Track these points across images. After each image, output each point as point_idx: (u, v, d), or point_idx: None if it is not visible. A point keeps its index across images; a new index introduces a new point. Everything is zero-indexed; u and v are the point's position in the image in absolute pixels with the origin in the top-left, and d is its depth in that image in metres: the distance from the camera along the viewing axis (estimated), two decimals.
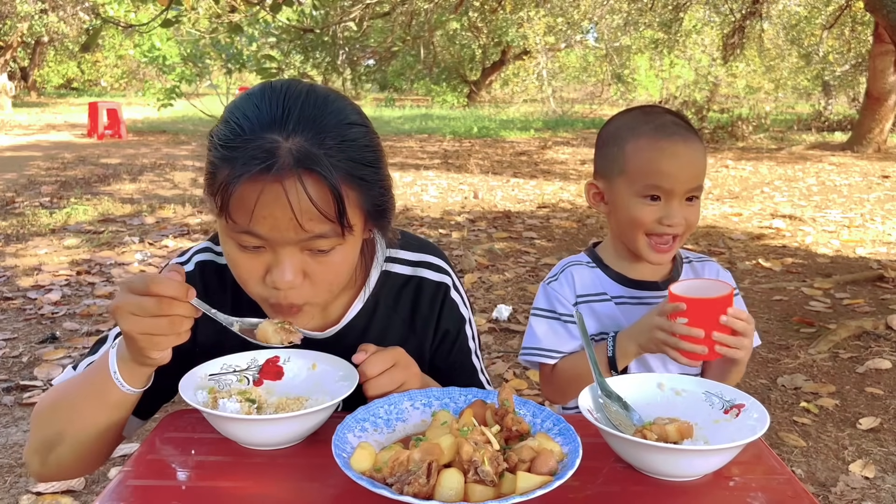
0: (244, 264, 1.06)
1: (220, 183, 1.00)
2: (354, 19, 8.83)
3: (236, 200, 0.99)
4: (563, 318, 1.45)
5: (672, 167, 1.34)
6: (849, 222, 6.93)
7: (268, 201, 0.98)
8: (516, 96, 21.90)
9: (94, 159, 10.37)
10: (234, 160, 0.99)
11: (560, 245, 5.97)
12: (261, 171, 0.97)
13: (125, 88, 27.07)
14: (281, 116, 1.00)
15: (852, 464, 2.71)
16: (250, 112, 1.02)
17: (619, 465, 1.03)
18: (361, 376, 1.12)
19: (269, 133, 0.99)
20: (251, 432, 1.05)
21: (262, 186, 0.98)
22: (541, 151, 12.53)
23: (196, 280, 1.22)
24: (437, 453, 0.88)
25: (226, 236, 1.07)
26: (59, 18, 20.74)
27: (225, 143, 1.01)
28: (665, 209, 1.36)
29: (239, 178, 0.98)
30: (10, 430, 2.87)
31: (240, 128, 1.01)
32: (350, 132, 1.04)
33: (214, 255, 1.26)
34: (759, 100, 17.63)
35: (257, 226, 1.00)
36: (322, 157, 0.99)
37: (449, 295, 1.30)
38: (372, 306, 1.26)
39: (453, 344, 1.32)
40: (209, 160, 1.05)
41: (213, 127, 1.08)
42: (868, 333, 3.97)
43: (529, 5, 14.09)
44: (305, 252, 1.05)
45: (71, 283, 4.67)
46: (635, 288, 1.45)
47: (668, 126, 1.38)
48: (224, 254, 1.10)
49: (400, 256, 1.30)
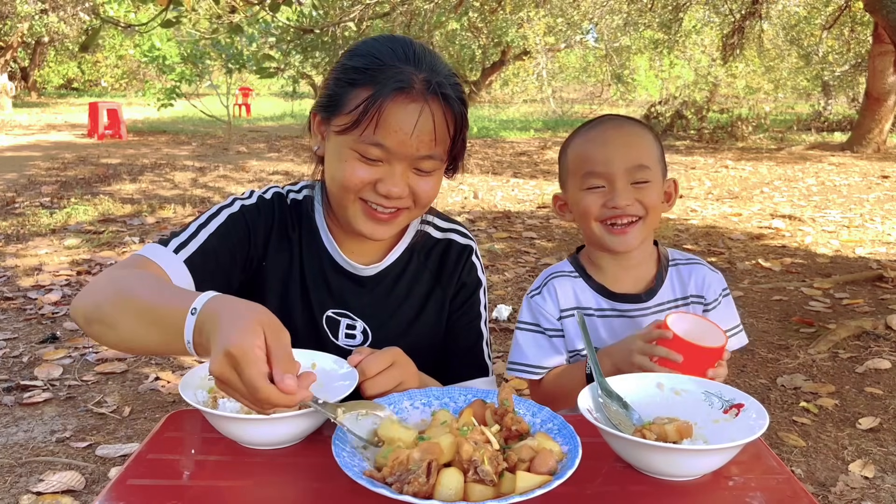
0: (361, 172, 1.22)
1: (361, 100, 1.18)
2: (354, 19, 8.82)
3: (383, 113, 1.17)
4: (547, 332, 1.45)
5: (601, 151, 1.38)
6: (848, 222, 6.93)
7: (410, 118, 1.18)
8: (516, 96, 21.89)
9: (95, 159, 10.37)
10: (375, 81, 1.18)
11: (560, 245, 5.97)
12: (405, 90, 1.18)
13: (125, 88, 27.08)
14: (413, 56, 1.22)
15: (852, 464, 2.71)
16: (384, 49, 1.22)
17: (618, 464, 1.03)
18: (360, 375, 1.13)
19: (405, 65, 1.20)
20: (251, 432, 1.05)
21: (407, 104, 1.18)
22: (541, 151, 12.54)
23: (273, 207, 1.38)
24: (437, 452, 0.88)
25: (345, 149, 1.22)
26: (60, 19, 20.74)
27: (365, 67, 1.20)
28: (608, 193, 1.37)
29: (383, 96, 1.17)
30: (11, 429, 2.88)
31: (379, 59, 1.21)
32: (455, 79, 1.27)
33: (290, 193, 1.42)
34: (759, 100, 17.63)
35: (387, 138, 1.19)
36: (449, 90, 1.21)
37: (472, 257, 1.46)
38: (407, 257, 1.42)
39: (466, 301, 1.45)
40: (333, 83, 1.24)
41: (336, 60, 1.30)
42: (867, 333, 3.97)
43: (529, 6, 14.07)
44: (413, 171, 1.24)
45: (71, 283, 4.67)
46: (617, 301, 1.44)
47: (603, 121, 1.44)
48: (335, 169, 1.25)
49: (434, 222, 1.47)
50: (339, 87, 1.23)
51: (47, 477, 2.53)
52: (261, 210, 1.36)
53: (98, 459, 2.68)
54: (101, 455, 2.70)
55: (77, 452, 2.72)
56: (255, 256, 1.36)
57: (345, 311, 1.38)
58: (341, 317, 1.38)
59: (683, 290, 1.45)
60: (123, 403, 3.11)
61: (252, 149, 12.31)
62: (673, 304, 1.44)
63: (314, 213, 1.39)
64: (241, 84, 19.32)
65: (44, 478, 2.53)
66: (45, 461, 2.65)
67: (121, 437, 2.85)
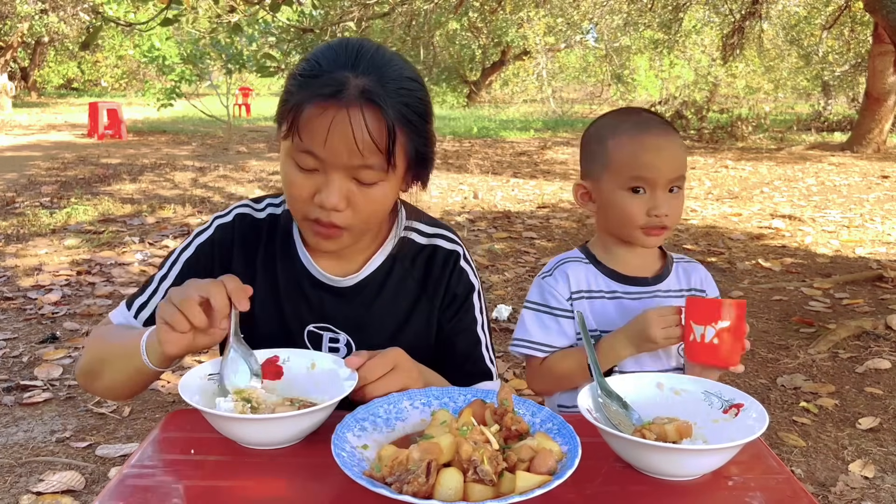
0: (298, 183, 1.20)
1: (292, 105, 1.17)
2: (354, 19, 8.82)
3: (304, 121, 1.15)
4: (554, 311, 1.47)
5: (653, 158, 1.38)
6: (848, 222, 6.93)
7: (330, 125, 1.14)
8: (516, 96, 21.91)
9: (95, 159, 10.37)
10: (308, 86, 1.16)
11: (560, 245, 5.97)
12: (330, 96, 1.14)
13: (125, 88, 27.08)
14: (354, 60, 1.17)
15: (852, 464, 2.72)
16: (328, 54, 1.20)
17: (618, 464, 1.04)
18: (361, 381, 1.12)
19: (341, 71, 1.16)
20: (251, 432, 1.05)
21: (327, 111, 1.14)
22: (541, 151, 12.54)
23: (234, 229, 1.38)
24: (437, 452, 0.88)
25: (287, 157, 1.21)
26: (59, 18, 20.73)
27: (302, 73, 1.19)
28: (651, 200, 1.39)
29: (311, 100, 1.14)
30: (11, 429, 2.88)
31: (318, 64, 1.18)
32: (407, 83, 1.20)
33: (253, 211, 1.40)
34: (759, 100, 17.64)
35: (317, 146, 1.15)
36: (383, 96, 1.15)
37: (459, 262, 1.41)
38: (389, 265, 1.37)
39: (459, 308, 1.40)
40: (285, 89, 1.23)
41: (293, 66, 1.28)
42: (867, 333, 3.97)
43: (529, 6, 14.08)
44: (353, 181, 1.19)
45: (71, 283, 4.67)
46: (628, 283, 1.47)
47: (647, 121, 1.44)
48: (282, 177, 1.25)
49: (418, 227, 1.42)
50: (285, 93, 1.23)
51: (47, 477, 2.53)
52: (214, 242, 1.36)
53: (98, 459, 2.68)
54: (101, 455, 2.70)
55: (77, 452, 2.72)
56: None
57: (326, 325, 1.35)
58: (323, 330, 1.35)
59: (688, 282, 1.51)
60: (123, 403, 3.11)
61: (252, 149, 12.31)
62: (678, 292, 1.49)
63: (293, 226, 1.37)
64: (241, 84, 19.32)
65: (44, 478, 2.53)
66: (45, 461, 2.65)
67: (121, 437, 2.85)
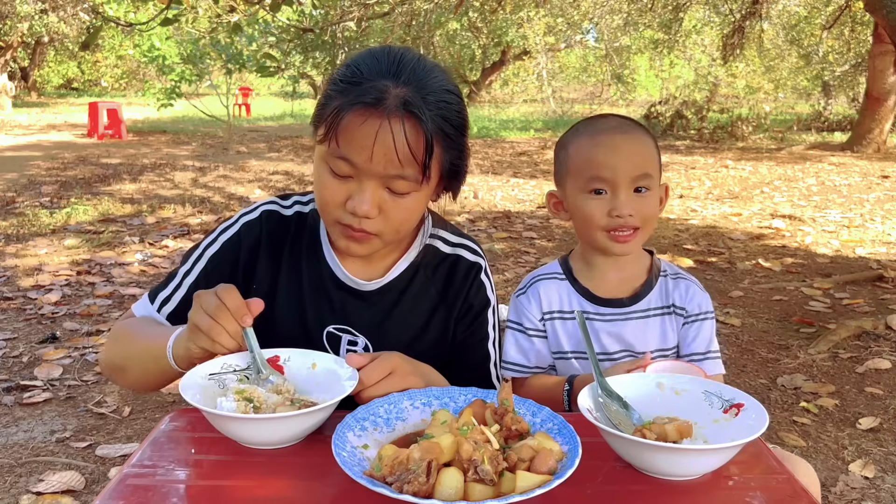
0: (331, 187, 1.20)
1: (331, 110, 1.16)
2: (354, 19, 8.82)
3: (342, 127, 1.15)
4: (528, 331, 1.46)
5: (609, 157, 1.36)
6: (848, 222, 6.93)
7: (369, 133, 1.14)
8: (516, 96, 21.89)
9: (95, 159, 10.37)
10: (348, 93, 1.16)
11: (560, 245, 5.97)
12: (370, 105, 1.14)
13: (125, 88, 27.07)
14: (395, 69, 1.17)
15: (852, 464, 2.71)
16: (370, 62, 1.20)
17: (618, 464, 1.04)
18: (360, 385, 1.12)
19: (382, 79, 1.16)
20: (251, 431, 1.05)
21: (367, 119, 1.14)
22: (541, 151, 12.53)
23: (261, 226, 1.37)
24: (437, 452, 0.89)
25: (321, 161, 1.21)
26: (59, 18, 20.73)
27: (344, 79, 1.19)
28: (612, 200, 1.36)
29: (350, 107, 1.14)
30: (10, 429, 2.88)
31: (359, 71, 1.18)
32: (446, 96, 1.21)
33: (280, 208, 1.40)
34: (759, 100, 17.61)
35: (354, 153, 1.15)
36: (423, 108, 1.15)
37: (480, 275, 1.42)
38: (412, 272, 1.39)
39: (474, 320, 1.41)
40: (324, 94, 1.23)
41: (333, 71, 1.29)
42: (868, 333, 3.97)
43: (529, 5, 14.08)
44: (385, 190, 1.19)
45: (71, 283, 4.67)
46: (601, 304, 1.44)
47: (606, 122, 1.42)
48: (314, 180, 1.24)
49: (443, 236, 1.43)
50: (324, 97, 1.23)
51: (47, 477, 2.53)
52: (242, 238, 1.36)
53: (98, 459, 2.68)
54: (101, 455, 2.70)
55: (77, 452, 2.72)
56: (245, 281, 1.35)
57: (346, 327, 1.36)
58: (342, 332, 1.36)
59: (667, 299, 1.45)
60: (123, 403, 3.11)
61: (252, 149, 12.31)
62: (656, 311, 1.44)
63: (319, 226, 1.37)
64: (241, 84, 19.33)
65: (44, 478, 2.53)
66: (45, 461, 2.65)
67: (121, 437, 2.85)
